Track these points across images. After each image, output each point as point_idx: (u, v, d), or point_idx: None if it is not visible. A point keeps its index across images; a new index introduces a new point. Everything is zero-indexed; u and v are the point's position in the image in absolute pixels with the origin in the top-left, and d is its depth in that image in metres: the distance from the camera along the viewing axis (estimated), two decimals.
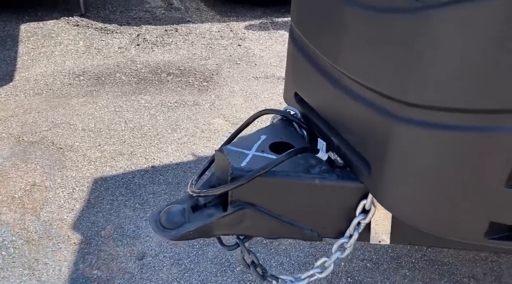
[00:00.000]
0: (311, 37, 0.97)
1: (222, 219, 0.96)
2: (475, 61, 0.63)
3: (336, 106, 0.91)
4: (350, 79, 0.84)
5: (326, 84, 0.92)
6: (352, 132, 0.88)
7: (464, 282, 1.71)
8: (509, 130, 0.66)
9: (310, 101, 1.01)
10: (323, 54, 0.91)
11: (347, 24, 0.84)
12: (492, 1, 0.56)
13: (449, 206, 0.75)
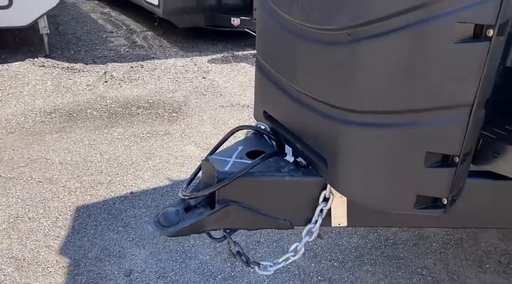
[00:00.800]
0: (273, 65, 1.22)
1: (210, 216, 1.16)
2: (391, 77, 0.89)
3: (297, 118, 1.15)
4: (306, 95, 1.09)
5: (288, 101, 1.17)
6: (311, 137, 1.11)
7: (418, 272, 1.96)
8: (422, 124, 0.91)
9: (276, 116, 1.25)
10: (284, 77, 1.15)
11: (301, 53, 1.09)
12: (393, 37, 0.83)
13: (387, 186, 0.99)
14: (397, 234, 2.19)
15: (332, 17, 0.95)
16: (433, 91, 0.87)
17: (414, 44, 0.85)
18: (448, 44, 0.82)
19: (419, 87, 0.88)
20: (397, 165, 0.95)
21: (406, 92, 0.88)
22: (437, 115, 0.88)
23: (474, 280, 1.91)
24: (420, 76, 0.87)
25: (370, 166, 0.98)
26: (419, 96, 0.89)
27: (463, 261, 2.01)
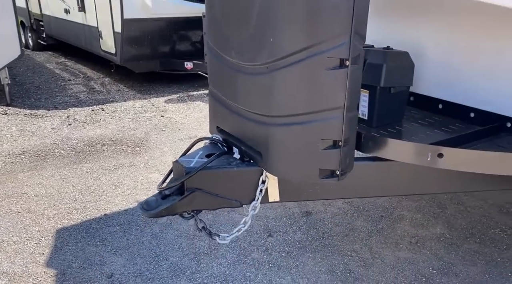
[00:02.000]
0: (221, 90, 1.71)
1: (181, 201, 1.58)
2: (296, 92, 1.39)
3: (239, 127, 1.63)
4: (244, 110, 1.57)
5: (233, 116, 1.64)
6: (249, 139, 1.59)
7: (348, 254, 2.43)
8: (317, 121, 1.41)
9: (225, 128, 1.72)
10: (229, 99, 1.63)
11: (239, 81, 1.58)
12: (294, 66, 1.34)
13: (300, 164, 1.47)
14: (333, 229, 2.67)
15: (256, 57, 1.46)
16: (321, 100, 1.39)
17: (306, 71, 1.37)
18: (325, 70, 1.35)
19: (313, 97, 1.40)
20: (305, 149, 1.45)
21: (306, 101, 1.39)
22: (325, 115, 1.40)
23: (391, 256, 2.41)
24: (313, 90, 1.39)
25: (289, 152, 1.47)
26: (314, 103, 1.40)
27: (383, 244, 2.52)
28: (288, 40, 1.35)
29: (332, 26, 1.31)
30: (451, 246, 2.50)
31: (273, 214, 2.83)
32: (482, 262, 2.35)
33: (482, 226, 2.68)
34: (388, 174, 1.71)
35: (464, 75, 1.84)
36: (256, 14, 1.41)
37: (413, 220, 2.75)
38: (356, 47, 1.35)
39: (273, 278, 2.25)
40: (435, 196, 3.04)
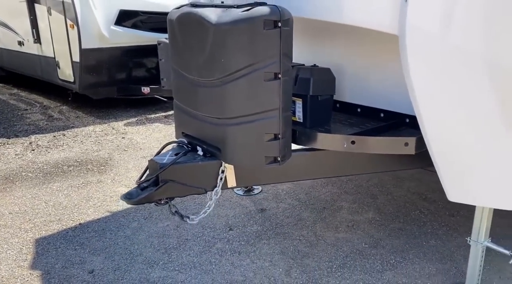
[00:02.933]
0: (183, 102, 2.13)
1: (157, 191, 1.96)
2: (244, 99, 1.85)
3: (201, 130, 2.05)
4: (204, 115, 2.00)
5: (195, 122, 2.06)
6: (210, 138, 2.01)
7: (297, 239, 2.88)
8: (262, 120, 1.88)
9: (189, 132, 2.14)
10: (191, 108, 2.06)
11: (198, 93, 2.01)
12: (241, 80, 1.80)
13: (251, 153, 1.91)
14: (284, 220, 3.12)
15: (212, 74, 1.91)
16: (262, 103, 1.86)
17: (250, 82, 1.84)
18: (263, 81, 1.82)
19: (256, 101, 1.86)
20: (253, 141, 1.89)
21: (251, 105, 1.85)
22: (266, 114, 1.86)
23: (332, 237, 2.89)
24: (256, 96, 1.85)
25: (241, 145, 1.91)
26: (257, 106, 1.87)
27: (325, 229, 3.00)
28: (236, 60, 1.82)
29: (267, 50, 1.79)
30: (380, 226, 3.02)
31: (233, 213, 3.24)
32: (404, 236, 2.89)
33: (405, 210, 3.24)
34: (318, 160, 2.20)
35: (372, 84, 2.39)
36: (210, 43, 1.87)
37: (350, 209, 3.27)
38: (285, 64, 1.84)
39: (234, 261, 2.64)
40: (368, 189, 3.59)
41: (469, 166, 1.87)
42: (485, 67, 1.66)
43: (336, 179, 3.78)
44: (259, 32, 1.75)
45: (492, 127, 1.77)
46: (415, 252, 2.70)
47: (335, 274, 2.50)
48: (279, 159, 1.93)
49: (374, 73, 2.37)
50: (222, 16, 1.83)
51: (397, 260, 2.63)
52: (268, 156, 1.92)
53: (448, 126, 1.81)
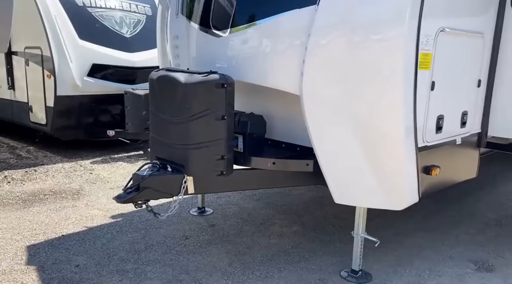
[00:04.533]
0: (157, 133, 3.05)
1: (138, 194, 2.79)
2: (200, 131, 2.80)
3: (169, 153, 2.96)
4: (173, 143, 2.92)
5: (165, 147, 2.97)
6: (176, 158, 2.91)
7: (238, 244, 3.75)
8: (210, 146, 2.81)
9: (161, 155, 3.03)
10: (162, 138, 2.97)
11: (169, 127, 2.95)
12: (197, 120, 2.75)
13: (205, 168, 2.82)
14: (229, 232, 3.99)
15: (179, 115, 2.87)
16: (214, 135, 2.82)
17: (205, 122, 2.80)
18: (214, 121, 2.80)
19: (210, 133, 2.82)
20: (208, 160, 2.83)
21: (207, 135, 2.80)
22: (217, 142, 2.82)
23: (265, 243, 3.78)
24: (210, 130, 2.81)
25: (199, 162, 2.84)
26: (211, 136, 2.83)
27: (261, 237, 3.90)
28: (196, 107, 2.80)
29: (217, 101, 2.79)
30: (302, 235, 3.97)
31: (189, 227, 4.07)
32: (318, 241, 3.85)
33: (322, 225, 4.23)
34: (252, 176, 3.17)
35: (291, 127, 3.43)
36: (180, 95, 2.84)
37: (281, 224, 4.21)
38: (229, 110, 2.84)
39: (190, 258, 3.47)
40: (297, 211, 4.56)
41: (347, 180, 2.91)
42: (348, 117, 2.75)
43: (272, 204, 4.73)
44: (212, 90, 2.76)
45: (358, 155, 2.83)
46: (324, 251, 3.65)
47: (265, 264, 3.39)
48: (225, 172, 2.88)
49: (291, 119, 3.43)
50: (188, 78, 2.83)
51: (310, 255, 3.56)
52: (217, 170, 2.87)
53: (331, 154, 2.87)
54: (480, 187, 5.47)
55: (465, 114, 3.22)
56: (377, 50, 2.57)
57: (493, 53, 3.33)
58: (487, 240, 3.92)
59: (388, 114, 2.66)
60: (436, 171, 2.95)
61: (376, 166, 2.81)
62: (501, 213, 4.64)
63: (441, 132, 3.00)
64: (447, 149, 3.11)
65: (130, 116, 4.33)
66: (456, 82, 3.06)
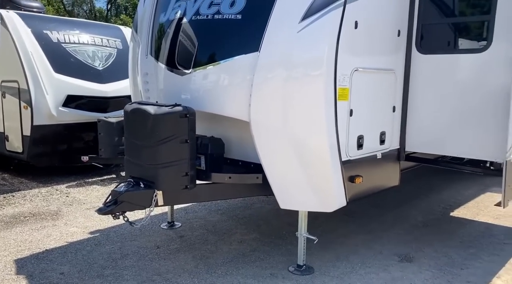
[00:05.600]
0: (131, 156, 3.63)
1: (116, 207, 3.35)
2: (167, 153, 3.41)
3: (142, 172, 3.55)
4: (145, 163, 3.51)
5: (138, 168, 3.56)
6: (147, 176, 3.50)
7: (205, 250, 4.33)
8: (179, 164, 3.43)
9: (135, 174, 3.61)
10: (135, 159, 3.56)
11: (141, 151, 3.55)
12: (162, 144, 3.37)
13: (172, 183, 3.41)
14: (196, 241, 4.57)
15: (150, 140, 3.49)
16: (179, 155, 3.45)
17: (172, 145, 3.43)
18: (179, 144, 3.44)
19: (175, 154, 3.45)
20: (175, 176, 3.45)
21: (173, 156, 3.43)
22: (181, 161, 3.45)
23: (227, 248, 4.38)
24: (175, 152, 3.45)
25: (167, 178, 3.45)
26: (177, 157, 3.45)
27: (224, 244, 4.49)
28: (164, 133, 3.43)
29: (181, 128, 3.43)
30: (259, 241, 4.60)
31: (160, 239, 4.63)
32: (272, 245, 4.48)
33: (278, 232, 4.87)
34: (212, 189, 3.81)
35: (245, 147, 4.10)
36: (150, 124, 3.47)
37: (242, 233, 4.83)
38: (191, 135, 3.50)
39: (161, 263, 4.02)
40: (256, 222, 5.19)
41: (289, 189, 3.59)
42: (287, 138, 3.45)
43: (235, 216, 5.34)
44: (177, 119, 3.41)
45: (296, 168, 3.52)
46: (277, 252, 4.29)
47: (226, 265, 3.99)
48: (188, 186, 3.50)
49: (245, 141, 4.10)
50: (157, 110, 3.47)
51: (265, 256, 4.19)
52: (182, 185, 3.49)
53: (275, 168, 3.55)
54: (416, 196, 6.30)
55: (383, 133, 4.00)
56: (305, 86, 3.31)
57: (404, 85, 4.16)
58: (413, 238, 4.67)
59: (316, 136, 3.38)
60: (359, 179, 3.68)
61: (310, 177, 3.51)
62: (429, 217, 5.44)
63: (362, 149, 3.75)
64: (368, 162, 3.86)
65: (103, 142, 4.90)
66: (372, 108, 3.84)
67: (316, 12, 3.24)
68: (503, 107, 3.68)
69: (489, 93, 3.76)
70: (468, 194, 6.38)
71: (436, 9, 4.15)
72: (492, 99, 3.75)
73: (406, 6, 4.01)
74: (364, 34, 3.56)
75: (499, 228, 5.02)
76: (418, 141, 4.26)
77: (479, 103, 3.85)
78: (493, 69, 3.73)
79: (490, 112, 3.77)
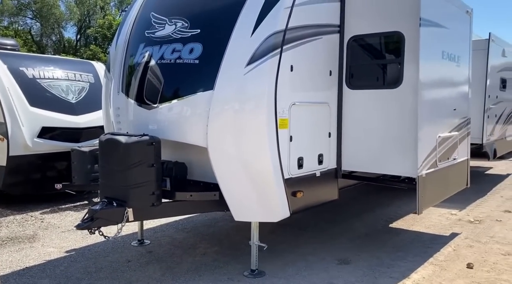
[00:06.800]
0: (105, 179, 4.22)
1: (92, 223, 3.90)
2: (135, 176, 4.02)
3: (115, 192, 4.14)
4: (118, 185, 4.10)
5: (111, 189, 4.14)
6: (119, 196, 4.08)
7: (171, 261, 4.89)
8: (145, 186, 4.04)
9: (108, 195, 4.18)
10: (109, 181, 4.16)
11: (114, 173, 4.14)
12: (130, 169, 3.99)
13: (142, 201, 4.00)
14: (163, 255, 5.13)
15: (122, 165, 4.09)
16: (147, 177, 4.07)
17: (141, 169, 4.05)
18: (147, 168, 4.07)
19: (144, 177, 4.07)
20: (142, 195, 4.06)
21: (141, 178, 4.05)
22: (149, 183, 4.07)
23: (191, 260, 4.96)
24: (143, 174, 4.07)
25: (136, 197, 4.05)
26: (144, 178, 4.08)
27: (188, 256, 5.06)
28: (133, 159, 4.06)
29: (148, 154, 4.07)
30: (220, 253, 5.20)
31: (130, 254, 5.16)
32: (231, 256, 5.09)
33: (236, 245, 5.48)
34: (176, 206, 4.43)
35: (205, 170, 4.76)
36: (121, 151, 4.10)
37: (205, 247, 5.42)
38: (157, 159, 4.15)
39: (132, 274, 4.56)
40: (219, 237, 5.79)
41: (241, 203, 4.26)
42: (238, 161, 4.14)
43: (199, 233, 5.93)
44: (144, 147, 4.05)
45: (247, 186, 4.21)
46: (235, 261, 4.90)
47: (190, 273, 4.56)
48: (155, 204, 4.12)
49: (205, 165, 4.76)
50: (127, 139, 4.11)
51: (224, 265, 4.80)
52: (149, 203, 4.10)
53: (229, 186, 4.22)
54: (363, 211, 7.09)
55: (321, 155, 4.77)
56: (251, 118, 4.05)
57: (338, 115, 4.98)
58: (353, 246, 5.40)
59: (262, 158, 4.10)
60: (300, 194, 4.40)
61: (259, 193, 4.20)
62: (372, 228, 6.21)
63: (303, 168, 4.49)
64: (308, 179, 4.59)
65: (76, 170, 5.44)
66: (310, 135, 4.61)
67: (258, 59, 4.02)
68: (413, 132, 4.53)
69: (403, 120, 4.62)
70: (407, 208, 7.21)
71: (361, 53, 5.04)
72: (405, 126, 4.60)
73: (336, 51, 4.88)
74: (299, 75, 4.36)
75: (427, 235, 5.83)
76: (352, 161, 5.05)
77: (397, 129, 4.70)
78: (404, 101, 4.60)
79: (405, 136, 4.62)
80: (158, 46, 4.66)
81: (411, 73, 4.53)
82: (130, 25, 5.23)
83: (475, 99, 8.01)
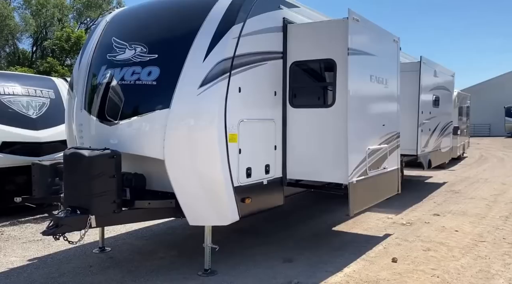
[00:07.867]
0: (68, 189, 4.61)
1: (57, 229, 4.26)
2: (99, 186, 4.44)
3: (79, 201, 4.53)
4: (81, 195, 4.50)
5: (75, 198, 4.53)
6: (83, 205, 4.48)
7: (129, 266, 5.30)
8: (107, 195, 4.46)
9: (73, 204, 4.55)
10: (72, 191, 4.55)
11: (77, 184, 4.54)
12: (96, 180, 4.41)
13: (104, 208, 4.43)
14: (123, 261, 5.51)
15: (85, 177, 4.51)
16: (108, 187, 4.51)
17: (102, 179, 4.48)
18: (108, 179, 4.50)
19: (106, 187, 4.50)
20: (104, 203, 4.47)
21: (104, 188, 4.48)
22: (110, 192, 4.50)
23: (150, 264, 5.39)
24: (106, 184, 4.50)
25: (98, 205, 4.47)
26: (106, 188, 4.51)
27: (147, 261, 5.48)
28: (96, 171, 4.48)
29: (110, 166, 4.52)
30: (177, 257, 5.65)
31: (92, 260, 5.51)
32: (187, 258, 5.56)
33: (193, 249, 5.95)
34: (135, 213, 4.87)
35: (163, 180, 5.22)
36: (85, 164, 4.51)
37: (163, 252, 5.85)
38: (117, 171, 4.60)
39: (94, 277, 4.93)
40: (177, 242, 6.24)
41: (195, 209, 4.77)
42: (192, 171, 4.66)
43: (159, 241, 6.35)
44: (106, 160, 4.49)
45: (200, 193, 4.72)
46: (190, 263, 5.36)
47: (149, 275, 4.99)
48: (116, 211, 4.55)
49: (163, 175, 5.24)
50: (90, 153, 4.53)
51: (180, 266, 5.25)
52: (111, 210, 4.53)
53: (184, 194, 4.73)
54: (311, 217, 7.75)
55: (268, 165, 5.37)
56: (202, 133, 4.60)
57: (283, 130, 5.62)
58: (298, 247, 6.01)
59: (213, 169, 4.64)
60: (248, 200, 4.96)
61: (211, 199, 4.74)
62: (317, 231, 6.87)
63: (251, 177, 5.07)
64: (256, 187, 5.18)
65: (36, 183, 5.74)
66: (258, 147, 5.22)
67: (210, 81, 4.60)
68: (344, 145, 5.24)
69: (336, 135, 5.33)
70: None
71: (302, 77, 5.73)
72: (338, 139, 5.31)
73: (280, 74, 5.54)
74: (247, 95, 4.97)
75: (364, 236, 6.56)
76: (296, 171, 5.70)
77: (331, 142, 5.40)
78: (337, 118, 5.31)
79: (337, 149, 5.32)
80: (119, 68, 5.14)
81: (342, 94, 5.26)
82: (93, 48, 5.68)
83: (409, 115, 9.01)
